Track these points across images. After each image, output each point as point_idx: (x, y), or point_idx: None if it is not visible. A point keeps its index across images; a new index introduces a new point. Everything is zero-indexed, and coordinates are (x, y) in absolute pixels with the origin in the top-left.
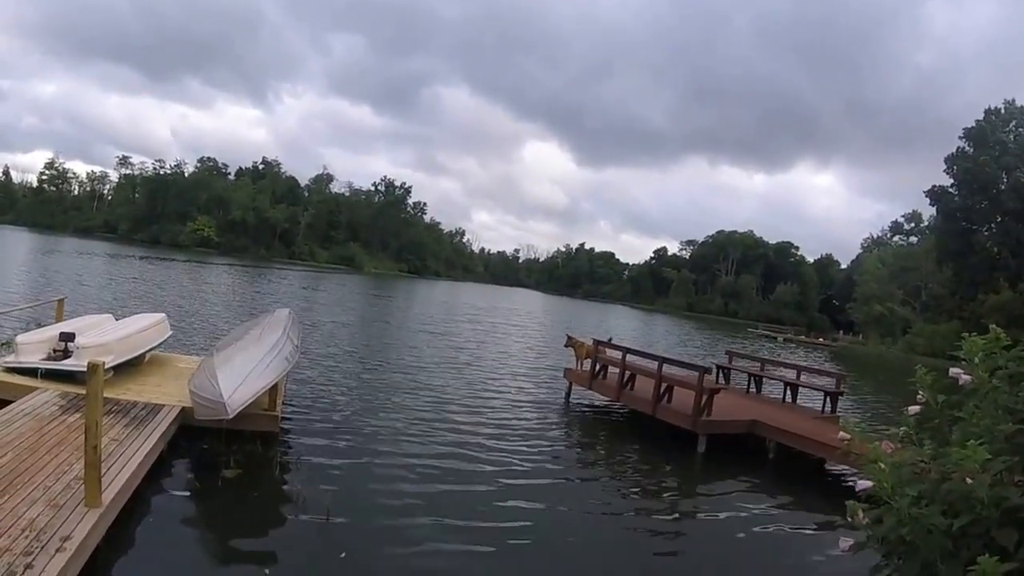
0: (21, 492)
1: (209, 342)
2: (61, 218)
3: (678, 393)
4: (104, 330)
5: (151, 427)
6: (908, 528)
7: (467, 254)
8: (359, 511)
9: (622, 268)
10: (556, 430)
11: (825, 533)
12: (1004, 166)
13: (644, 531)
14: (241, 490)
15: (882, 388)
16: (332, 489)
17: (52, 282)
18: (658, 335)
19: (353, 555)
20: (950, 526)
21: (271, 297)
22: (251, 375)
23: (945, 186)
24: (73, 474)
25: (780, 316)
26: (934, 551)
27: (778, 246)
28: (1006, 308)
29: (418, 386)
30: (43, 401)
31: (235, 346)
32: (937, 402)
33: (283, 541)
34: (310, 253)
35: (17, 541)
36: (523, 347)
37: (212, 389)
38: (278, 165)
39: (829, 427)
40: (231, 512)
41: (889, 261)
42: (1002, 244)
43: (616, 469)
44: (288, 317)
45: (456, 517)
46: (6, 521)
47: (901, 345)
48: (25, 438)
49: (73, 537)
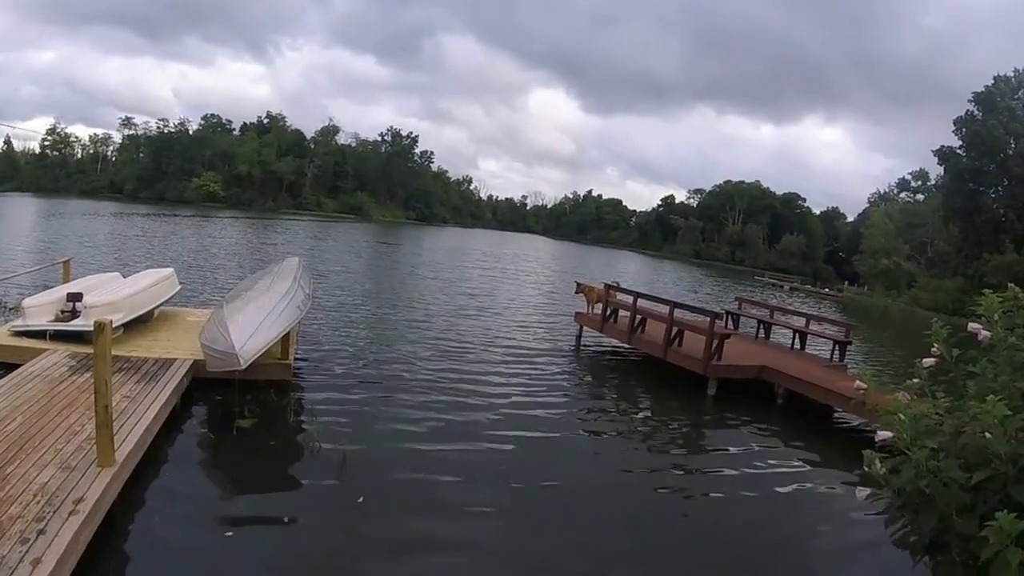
0: (32, 456)
1: (215, 294)
2: (65, 182)
3: (688, 337)
4: (112, 288)
5: (163, 382)
6: (926, 480)
7: (475, 201)
8: (374, 457)
9: (629, 215)
10: (569, 374)
11: (834, 480)
12: (1012, 132)
13: (658, 472)
14: (256, 439)
15: (887, 339)
16: (347, 435)
17: (56, 244)
18: (667, 281)
19: (370, 500)
20: (968, 479)
21: (278, 247)
22: (263, 325)
23: (953, 147)
24: (85, 435)
25: (786, 266)
26: (950, 504)
27: (785, 197)
28: (1010, 269)
29: (428, 333)
30: (52, 363)
31: (245, 296)
32: (952, 356)
33: (301, 488)
34: (317, 203)
35: (29, 507)
36: (534, 292)
37: (224, 340)
38: (283, 119)
39: (837, 375)
40: (247, 462)
41: (896, 217)
42: (1008, 207)
43: (628, 411)
44: (298, 265)
45: (469, 464)
46: (18, 487)
47: (906, 298)
48: (35, 401)
49: (86, 499)
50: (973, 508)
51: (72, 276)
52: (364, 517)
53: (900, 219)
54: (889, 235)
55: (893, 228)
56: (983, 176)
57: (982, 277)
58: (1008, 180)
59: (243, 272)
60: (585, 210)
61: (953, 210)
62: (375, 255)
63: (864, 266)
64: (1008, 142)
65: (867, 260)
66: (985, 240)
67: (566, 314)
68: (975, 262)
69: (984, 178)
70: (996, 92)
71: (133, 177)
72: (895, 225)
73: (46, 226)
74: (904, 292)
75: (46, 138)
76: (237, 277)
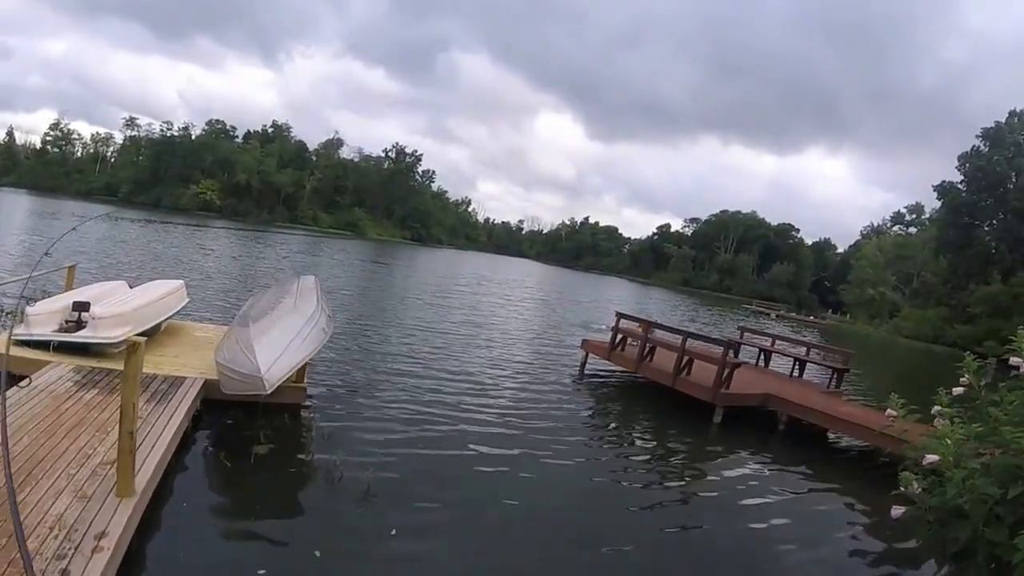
0: (43, 483)
1: (201, 309)
2: (63, 180)
3: (697, 366)
4: (119, 299)
5: (175, 402)
6: (965, 497)
7: (471, 223)
8: (397, 488)
9: (624, 242)
10: (577, 400)
11: (835, 501)
12: (1015, 166)
13: (662, 497)
14: (275, 467)
15: (868, 366)
16: (365, 463)
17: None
18: (652, 309)
19: (403, 533)
20: (1004, 495)
21: (261, 262)
22: (289, 348)
23: (955, 182)
24: (98, 459)
25: (772, 294)
26: (983, 517)
27: (779, 227)
28: (994, 298)
29: (433, 356)
30: (57, 376)
31: (269, 317)
32: (979, 386)
33: (330, 521)
34: (313, 218)
35: (47, 542)
36: (537, 318)
37: (248, 363)
38: (288, 129)
39: (836, 401)
40: (269, 492)
41: (886, 249)
42: (1001, 240)
43: (634, 435)
44: (317, 285)
45: (486, 487)
46: (32, 517)
47: (888, 327)
48: (41, 419)
49: (109, 533)
50: (1000, 519)
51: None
52: (399, 552)
53: (890, 251)
54: (877, 266)
55: (882, 259)
56: (979, 210)
57: (965, 307)
58: (1004, 214)
59: (232, 286)
60: (581, 236)
61: (946, 243)
62: (371, 276)
63: (850, 295)
64: (1010, 176)
65: (853, 290)
66: (974, 272)
67: (566, 341)
68: (960, 292)
69: (980, 212)
70: (1006, 127)
71: (130, 180)
72: (884, 256)
73: (39, 227)
74: (886, 321)
75: (48, 133)
76: (223, 291)
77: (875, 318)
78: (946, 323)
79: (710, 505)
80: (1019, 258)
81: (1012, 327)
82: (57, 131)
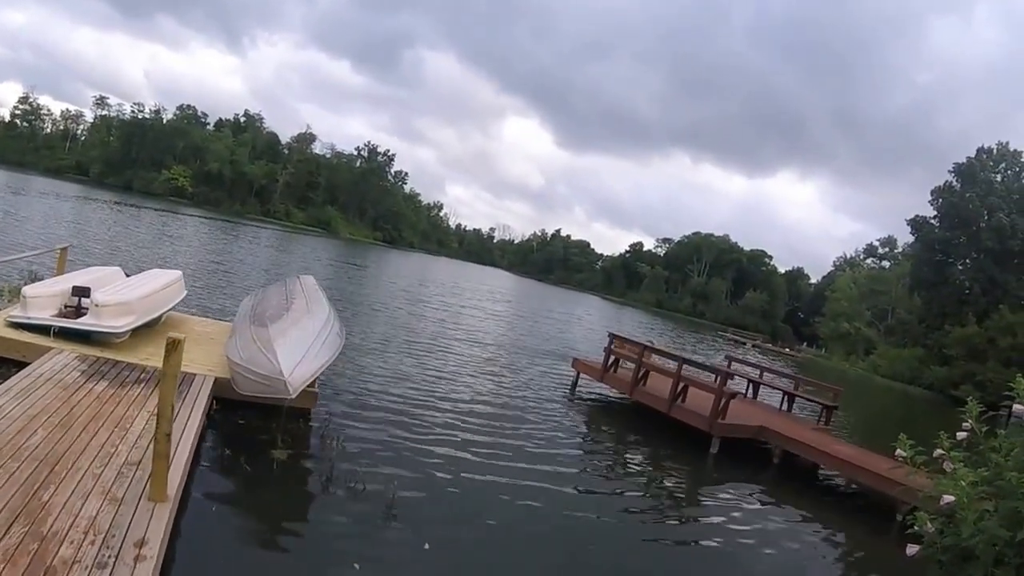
0: (68, 482)
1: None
2: (32, 156)
3: (692, 394)
4: (121, 287)
5: (190, 401)
6: (977, 539)
7: (443, 228)
8: (422, 501)
9: (596, 258)
10: (570, 423)
11: (826, 534)
12: (988, 206)
13: (661, 527)
14: (296, 474)
15: (846, 403)
16: (385, 474)
17: (16, 225)
18: (637, 331)
19: (436, 548)
20: (1012, 537)
21: (243, 255)
22: (310, 351)
23: (927, 217)
24: (122, 458)
25: (746, 322)
26: (992, 558)
27: (752, 253)
28: (969, 341)
29: (429, 371)
30: (62, 365)
31: (286, 318)
32: (981, 431)
33: (364, 535)
34: (285, 213)
35: (83, 549)
36: (523, 333)
37: (269, 364)
38: (260, 120)
39: (828, 438)
40: (294, 500)
41: (861, 282)
42: (975, 280)
43: (642, 466)
44: (318, 286)
45: (501, 503)
46: (62, 520)
47: (864, 364)
48: (54, 411)
49: (148, 541)
50: (1009, 562)
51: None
52: (436, 566)
53: (864, 284)
54: (852, 299)
55: (856, 293)
56: (953, 247)
57: (942, 348)
58: (978, 253)
59: (206, 280)
60: (552, 249)
61: (920, 279)
62: (349, 278)
63: (826, 329)
64: (983, 215)
65: (828, 323)
66: (949, 311)
67: (555, 357)
68: (936, 333)
69: (954, 249)
70: (977, 164)
71: (101, 160)
72: (859, 290)
73: (9, 203)
74: (862, 358)
75: (17, 107)
76: (202, 287)
77: (851, 354)
78: (923, 364)
79: (716, 537)
80: (993, 300)
81: (987, 371)
82: (27, 105)
